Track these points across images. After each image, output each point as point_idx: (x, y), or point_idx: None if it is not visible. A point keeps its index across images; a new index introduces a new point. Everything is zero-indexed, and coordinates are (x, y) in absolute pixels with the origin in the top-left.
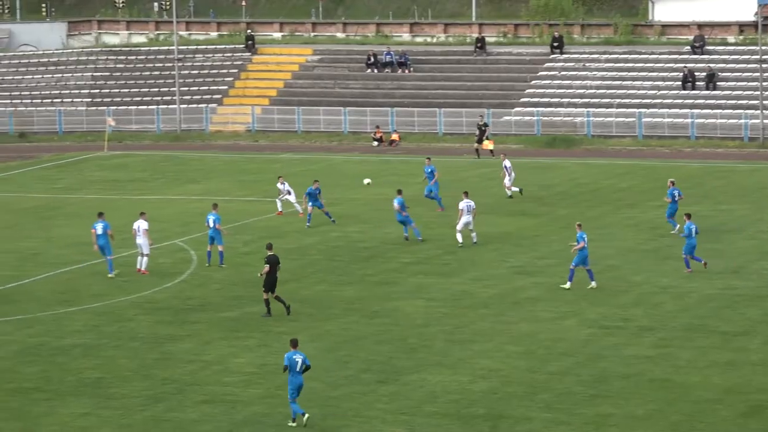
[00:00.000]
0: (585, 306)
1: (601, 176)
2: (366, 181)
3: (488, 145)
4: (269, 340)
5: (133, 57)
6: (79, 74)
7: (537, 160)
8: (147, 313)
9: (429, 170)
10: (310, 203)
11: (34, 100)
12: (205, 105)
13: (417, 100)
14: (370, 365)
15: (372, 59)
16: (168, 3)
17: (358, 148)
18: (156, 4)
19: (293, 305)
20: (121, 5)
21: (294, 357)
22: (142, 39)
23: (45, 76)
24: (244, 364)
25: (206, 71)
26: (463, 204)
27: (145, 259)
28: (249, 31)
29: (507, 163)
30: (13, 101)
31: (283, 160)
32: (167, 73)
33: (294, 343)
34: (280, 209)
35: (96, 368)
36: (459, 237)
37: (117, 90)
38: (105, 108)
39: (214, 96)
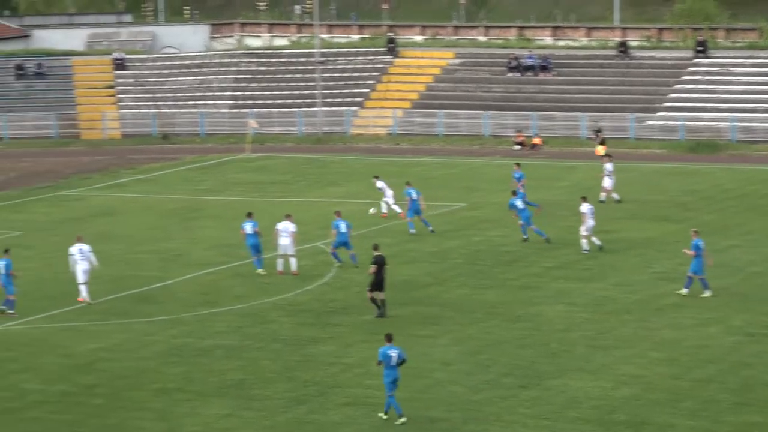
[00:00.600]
0: (729, 313)
1: (746, 182)
2: (371, 210)
3: (600, 150)
4: (411, 344)
5: (275, 60)
6: (222, 76)
7: (680, 166)
8: (289, 315)
9: (518, 176)
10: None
11: (177, 102)
12: (347, 108)
13: (559, 104)
14: (511, 369)
15: (514, 63)
16: (310, 6)
17: (499, 152)
18: (298, 6)
19: (435, 309)
20: (263, 8)
21: (388, 352)
22: (283, 41)
23: (188, 78)
24: None
25: (348, 74)
26: (586, 208)
27: (293, 260)
28: (390, 34)
29: (609, 166)
30: (157, 103)
31: (424, 164)
32: (309, 76)
33: (389, 338)
34: (384, 210)
35: (239, 369)
36: (584, 243)
37: (259, 92)
38: (247, 110)
39: (356, 99)
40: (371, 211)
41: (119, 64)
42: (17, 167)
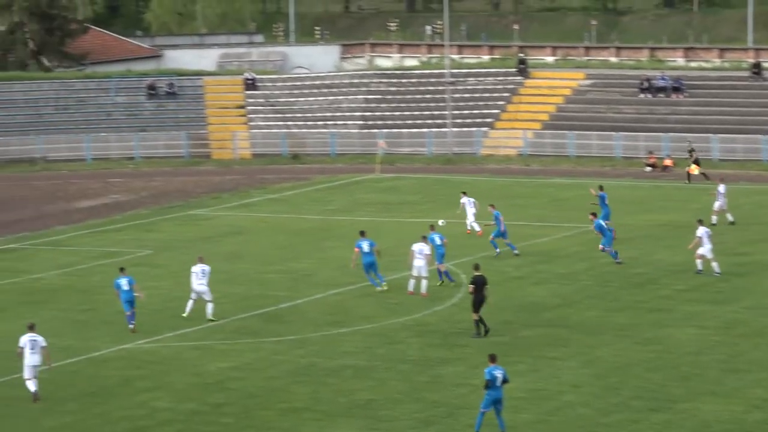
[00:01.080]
0: None
1: None
2: (440, 222)
3: (694, 169)
4: (540, 365)
5: (405, 80)
6: (352, 96)
7: None
8: (417, 336)
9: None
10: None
11: (307, 122)
12: (477, 128)
13: (691, 126)
14: (641, 392)
15: (645, 84)
16: (440, 26)
17: (631, 174)
18: (428, 27)
19: (564, 330)
20: (393, 28)
21: (494, 372)
22: (414, 62)
23: (318, 98)
24: (513, 389)
25: (478, 95)
26: (702, 231)
27: (425, 282)
28: (521, 54)
29: (721, 188)
30: (287, 123)
31: (555, 185)
32: (439, 96)
33: (492, 358)
34: (478, 228)
35: (366, 390)
36: (715, 266)
37: (389, 113)
38: (377, 130)
39: (486, 119)
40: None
41: (250, 84)
42: (148, 186)
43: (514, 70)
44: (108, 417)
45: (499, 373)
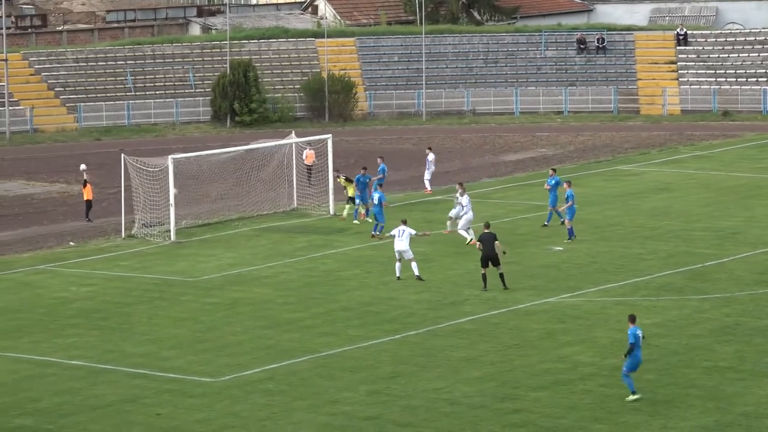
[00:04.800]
0: None
1: None
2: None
3: None
4: None
5: None
6: None
7: None
8: None
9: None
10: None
11: (738, 79)
12: None
13: None
14: None
15: None
16: None
17: None
18: None
19: None
20: None
21: (637, 332)
22: None
23: (751, 54)
24: None
25: None
26: None
27: None
28: None
29: None
30: (718, 79)
31: None
32: None
33: (632, 319)
34: None
35: None
36: None
37: None
38: None
39: None
40: None
41: (681, 40)
42: (575, 141)
43: None
44: (530, 369)
45: (640, 333)
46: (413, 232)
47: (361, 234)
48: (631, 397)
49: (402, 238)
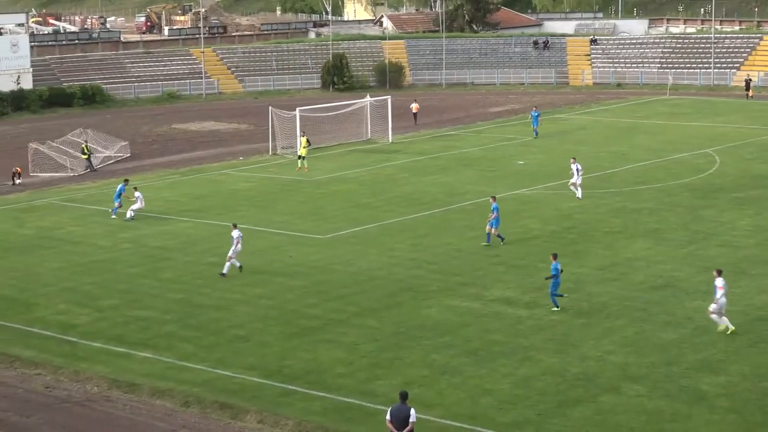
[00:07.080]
0: None
1: None
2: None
3: None
4: None
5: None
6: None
7: None
8: None
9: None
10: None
11: (626, 65)
12: (728, 69)
13: None
14: None
15: None
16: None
17: None
18: None
19: None
20: None
21: (558, 266)
22: None
23: (633, 51)
24: None
25: (730, 50)
26: None
27: None
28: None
29: None
30: (614, 65)
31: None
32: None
33: (555, 256)
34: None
35: (655, 222)
36: None
37: None
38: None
39: (735, 64)
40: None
41: (593, 42)
42: (531, 100)
43: (755, 35)
44: (504, 233)
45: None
46: None
47: (408, 153)
48: (554, 309)
49: None
